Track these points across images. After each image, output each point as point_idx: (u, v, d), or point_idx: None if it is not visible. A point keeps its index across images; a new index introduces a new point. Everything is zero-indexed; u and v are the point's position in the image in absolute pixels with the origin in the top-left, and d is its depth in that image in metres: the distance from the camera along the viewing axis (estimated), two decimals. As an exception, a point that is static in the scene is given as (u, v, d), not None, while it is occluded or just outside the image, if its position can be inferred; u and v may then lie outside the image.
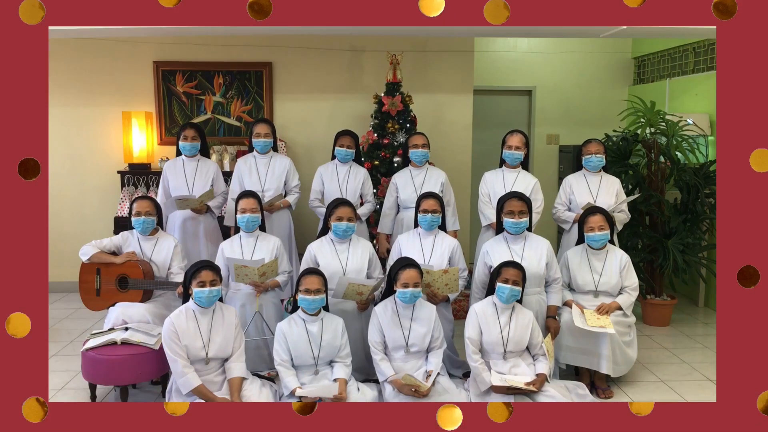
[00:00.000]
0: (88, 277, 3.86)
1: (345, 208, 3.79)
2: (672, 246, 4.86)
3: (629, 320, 3.82)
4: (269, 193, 4.46)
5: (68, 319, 5.08)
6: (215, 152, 5.47)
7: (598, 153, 4.33)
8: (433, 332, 3.47)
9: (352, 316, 3.71)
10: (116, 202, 5.56)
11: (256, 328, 3.79)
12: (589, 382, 3.76)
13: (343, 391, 3.24)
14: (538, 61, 6.89)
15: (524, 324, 3.46)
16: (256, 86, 5.70)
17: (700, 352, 4.46)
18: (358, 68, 5.75)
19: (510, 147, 4.33)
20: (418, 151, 4.41)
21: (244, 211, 3.84)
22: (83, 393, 3.66)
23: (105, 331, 3.60)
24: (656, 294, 5.09)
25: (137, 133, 5.53)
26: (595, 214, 3.84)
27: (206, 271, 3.23)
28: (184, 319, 3.24)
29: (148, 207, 3.89)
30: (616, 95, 6.87)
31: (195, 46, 5.61)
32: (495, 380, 3.30)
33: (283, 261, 3.93)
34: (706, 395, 3.74)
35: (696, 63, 5.80)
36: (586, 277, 3.88)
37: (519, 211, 3.71)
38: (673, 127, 4.97)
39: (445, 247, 3.85)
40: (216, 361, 3.28)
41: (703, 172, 4.99)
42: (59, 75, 5.55)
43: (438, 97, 5.80)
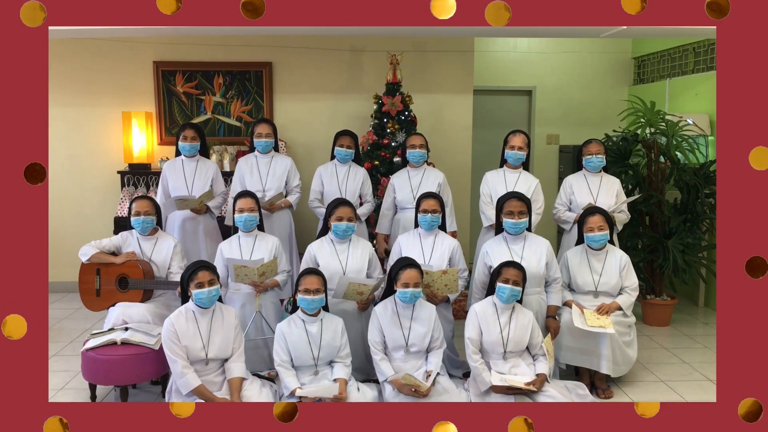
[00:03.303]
0: (87, 278, 3.86)
1: (345, 208, 3.79)
2: (672, 246, 4.86)
3: (629, 320, 3.82)
4: (270, 193, 4.46)
5: (68, 319, 5.08)
6: (215, 152, 5.47)
7: (599, 153, 4.33)
8: (433, 332, 3.47)
9: (352, 316, 3.71)
10: (116, 202, 5.56)
11: (256, 329, 3.79)
12: (589, 382, 3.76)
13: (343, 391, 3.24)
14: (538, 61, 6.89)
15: (524, 324, 3.46)
16: (256, 86, 5.70)
17: (700, 352, 4.46)
18: (358, 68, 5.75)
19: (513, 147, 4.33)
20: (416, 151, 4.40)
21: (242, 210, 3.84)
22: (83, 393, 3.66)
23: (105, 331, 3.60)
24: (656, 294, 5.09)
25: (137, 133, 5.53)
26: (595, 215, 3.84)
27: (203, 271, 3.23)
28: (183, 320, 3.24)
29: (147, 207, 3.89)
30: (616, 95, 6.88)
31: (195, 46, 5.61)
32: (495, 380, 3.30)
33: (282, 260, 3.93)
34: (706, 395, 3.74)
35: (696, 63, 5.80)
36: (585, 278, 3.88)
37: (519, 211, 3.71)
38: (673, 127, 4.97)
39: (445, 247, 3.85)
40: (216, 361, 3.28)
41: (703, 172, 4.99)
42: (59, 75, 5.55)
43: (438, 97, 5.80)
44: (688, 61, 5.91)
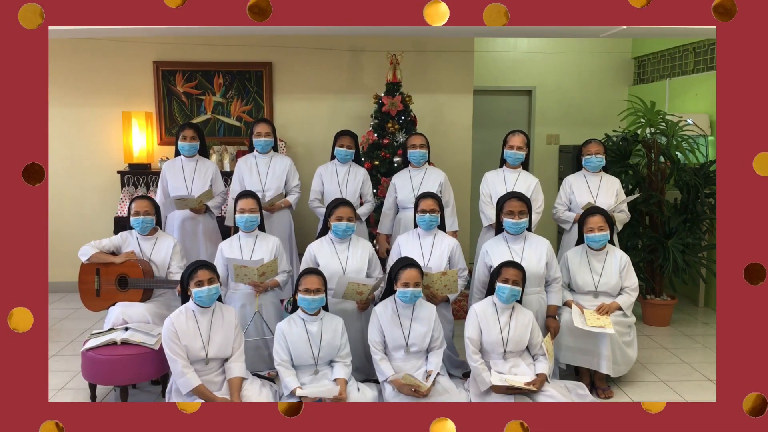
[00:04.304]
0: (87, 278, 3.86)
1: (345, 208, 3.79)
2: (672, 246, 4.86)
3: (629, 320, 3.82)
4: (270, 192, 4.46)
5: (68, 319, 5.08)
6: (215, 152, 5.47)
7: (598, 153, 4.33)
8: (433, 332, 3.47)
9: (352, 316, 3.71)
10: (116, 202, 5.56)
11: (256, 328, 3.79)
12: (589, 382, 3.76)
13: (343, 391, 3.24)
14: (538, 61, 6.89)
15: (524, 324, 3.46)
16: (256, 86, 5.70)
17: (700, 352, 4.46)
18: (358, 68, 5.75)
19: (512, 147, 4.33)
20: (416, 151, 4.41)
21: (243, 211, 3.84)
22: (83, 393, 3.66)
23: (105, 331, 3.60)
24: (656, 294, 5.09)
25: (137, 133, 5.53)
26: (595, 215, 3.84)
27: (202, 270, 3.23)
28: (183, 319, 3.24)
29: (147, 207, 3.89)
30: (616, 95, 6.87)
31: (195, 46, 5.61)
32: (495, 380, 3.30)
33: (283, 261, 3.93)
34: (706, 395, 3.74)
35: (696, 63, 5.80)
36: (585, 278, 3.88)
37: (519, 211, 3.71)
38: (673, 127, 4.97)
39: (444, 247, 3.85)
40: (216, 361, 3.28)
41: (703, 172, 4.99)
42: (59, 75, 5.55)
43: (438, 97, 5.80)
44: (688, 61, 5.91)
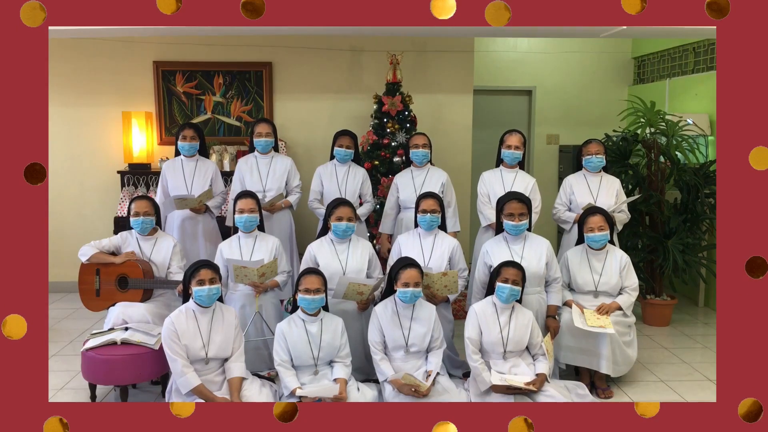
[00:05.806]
0: (87, 278, 3.86)
1: (344, 208, 3.79)
2: (672, 246, 4.86)
3: (629, 320, 3.82)
4: (270, 193, 4.46)
5: (68, 319, 5.08)
6: (215, 152, 5.47)
7: (598, 153, 4.33)
8: (433, 332, 3.47)
9: (352, 316, 3.71)
10: (116, 202, 5.56)
11: (256, 329, 3.79)
12: (589, 382, 3.76)
13: (343, 391, 3.24)
14: (538, 61, 6.89)
15: (524, 324, 3.46)
16: (256, 86, 5.70)
17: (700, 352, 4.46)
18: (358, 68, 5.75)
19: (509, 146, 4.33)
20: (419, 151, 4.41)
21: (242, 211, 3.84)
22: (83, 393, 3.66)
23: (105, 331, 3.60)
24: (656, 294, 5.09)
25: (137, 133, 5.53)
26: (595, 215, 3.84)
27: (205, 269, 3.24)
28: (183, 319, 3.24)
29: (146, 207, 3.89)
30: (616, 95, 6.87)
31: (195, 46, 5.61)
32: (495, 380, 3.30)
33: (282, 261, 3.93)
34: (706, 395, 3.74)
35: (696, 63, 5.80)
36: (586, 278, 3.88)
37: (519, 213, 3.70)
38: (673, 127, 4.97)
39: (444, 247, 3.85)
40: (216, 361, 3.28)
41: (703, 172, 4.99)
42: (59, 75, 5.55)
43: (438, 97, 5.80)
44: (688, 61, 5.91)
